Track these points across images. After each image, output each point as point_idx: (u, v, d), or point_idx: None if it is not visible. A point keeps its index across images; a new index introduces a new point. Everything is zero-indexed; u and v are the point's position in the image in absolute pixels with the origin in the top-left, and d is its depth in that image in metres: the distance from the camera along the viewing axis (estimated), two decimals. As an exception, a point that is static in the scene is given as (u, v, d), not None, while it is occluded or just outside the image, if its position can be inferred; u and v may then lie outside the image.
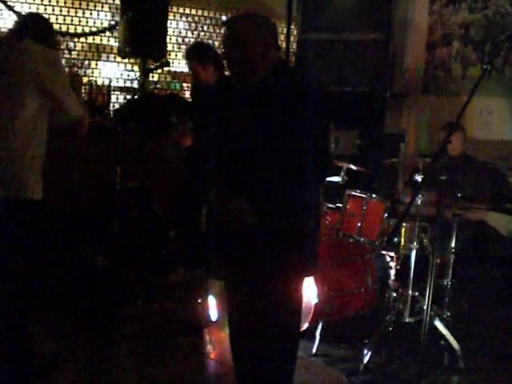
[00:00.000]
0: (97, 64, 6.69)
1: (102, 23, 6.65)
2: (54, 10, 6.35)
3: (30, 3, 6.21)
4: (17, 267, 3.44)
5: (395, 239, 4.35)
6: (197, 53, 5.04)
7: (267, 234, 2.76)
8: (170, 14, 6.30)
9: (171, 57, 6.99)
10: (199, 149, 4.79)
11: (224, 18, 7.12)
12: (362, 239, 4.56)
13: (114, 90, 6.75)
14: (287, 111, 2.69)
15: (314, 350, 4.31)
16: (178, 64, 7.20)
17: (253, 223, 2.72)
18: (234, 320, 3.05)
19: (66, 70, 6.51)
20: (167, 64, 5.40)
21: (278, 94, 2.75)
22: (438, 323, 4.13)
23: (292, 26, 7.18)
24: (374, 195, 4.60)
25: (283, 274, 2.79)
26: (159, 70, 6.69)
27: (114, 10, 6.57)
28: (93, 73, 6.67)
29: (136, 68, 6.83)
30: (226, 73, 5.14)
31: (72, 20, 6.49)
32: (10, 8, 6.11)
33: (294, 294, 2.89)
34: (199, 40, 7.08)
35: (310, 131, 2.70)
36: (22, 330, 3.59)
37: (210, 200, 3.07)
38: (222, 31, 2.88)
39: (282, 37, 7.63)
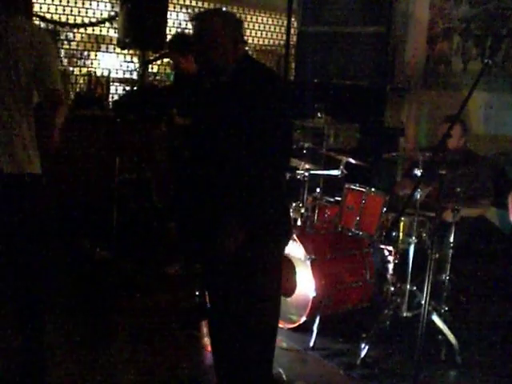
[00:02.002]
0: (96, 55, 6.67)
1: (101, 14, 6.62)
2: (53, 0, 6.32)
3: (29, -7, 6.17)
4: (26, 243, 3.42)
5: (393, 233, 4.35)
6: (177, 43, 5.14)
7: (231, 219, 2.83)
8: (169, 5, 6.28)
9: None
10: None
11: (224, 9, 7.11)
12: (361, 233, 4.56)
13: (114, 81, 6.74)
14: (250, 106, 2.80)
15: (312, 344, 4.31)
16: (178, 55, 7.17)
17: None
18: (213, 309, 3.09)
19: (65, 60, 6.51)
20: (167, 55, 5.39)
21: (243, 88, 2.87)
22: (435, 318, 4.12)
23: (292, 19, 7.16)
24: (372, 189, 4.60)
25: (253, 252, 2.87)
26: (158, 62, 6.67)
27: (114, 1, 6.54)
28: (92, 64, 6.65)
29: (135, 59, 6.82)
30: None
31: (72, 10, 6.47)
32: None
33: (264, 279, 2.94)
34: (179, 31, 7.04)
35: (269, 126, 2.80)
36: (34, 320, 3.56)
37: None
38: (192, 25, 2.97)
39: (283, 29, 7.63)
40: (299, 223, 4.78)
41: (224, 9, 3.11)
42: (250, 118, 2.78)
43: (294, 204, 4.87)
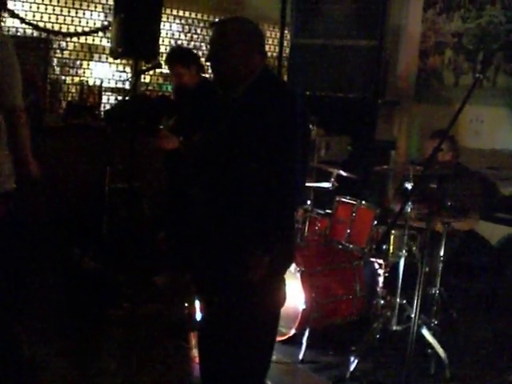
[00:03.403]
0: (88, 64, 6.67)
1: (94, 23, 6.62)
2: (46, 8, 6.32)
3: (22, 1, 6.17)
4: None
5: (384, 246, 4.34)
6: (179, 56, 5.14)
7: (232, 234, 2.80)
8: (163, 15, 6.29)
9: (163, 58, 6.96)
10: (180, 150, 4.83)
11: (243, 18, 7.15)
12: (351, 246, 4.55)
13: (106, 91, 6.73)
14: (265, 124, 2.70)
15: (301, 357, 4.29)
16: (171, 66, 7.17)
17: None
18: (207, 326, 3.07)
19: (58, 69, 6.51)
20: (159, 66, 5.39)
21: (259, 106, 2.75)
22: (425, 332, 4.11)
23: (285, 31, 7.19)
24: (363, 202, 4.60)
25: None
26: (151, 72, 6.68)
27: (107, 11, 6.55)
28: (84, 73, 6.65)
29: (128, 69, 6.82)
30: (208, 75, 5.26)
31: (65, 19, 6.46)
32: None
33: (265, 297, 2.89)
34: (179, 45, 7.06)
35: (283, 147, 2.71)
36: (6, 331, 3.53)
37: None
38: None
39: (276, 41, 7.65)
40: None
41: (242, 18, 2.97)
42: (259, 138, 2.69)
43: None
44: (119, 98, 6.80)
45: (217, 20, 2.97)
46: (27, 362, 3.65)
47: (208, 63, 2.95)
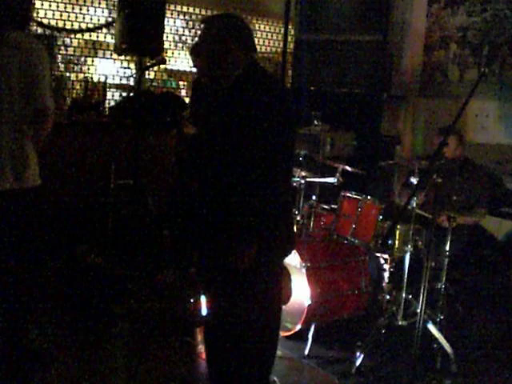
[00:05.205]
0: (93, 61, 6.67)
1: (98, 20, 6.62)
2: (50, 5, 6.32)
3: (26, -2, 6.16)
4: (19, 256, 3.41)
5: (389, 241, 4.34)
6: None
7: (224, 225, 2.83)
8: (167, 11, 6.28)
9: (168, 54, 6.97)
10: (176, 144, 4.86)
11: (233, 14, 7.17)
12: (357, 241, 4.55)
13: (110, 87, 6.73)
14: (245, 116, 2.76)
15: (307, 352, 4.30)
16: (175, 62, 7.19)
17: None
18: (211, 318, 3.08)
19: (62, 66, 6.51)
20: (163, 62, 5.39)
21: (242, 99, 2.82)
22: (431, 326, 4.11)
23: (289, 27, 7.17)
24: (369, 197, 4.59)
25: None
26: (155, 68, 6.67)
27: (111, 7, 6.55)
28: (89, 69, 6.65)
29: (132, 65, 6.82)
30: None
31: (69, 16, 6.46)
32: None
33: (264, 288, 2.91)
34: None
35: (266, 137, 2.75)
36: (19, 325, 3.55)
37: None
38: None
39: (280, 37, 7.64)
40: (295, 231, 4.76)
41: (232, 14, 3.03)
42: (246, 128, 2.75)
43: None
44: (124, 94, 6.80)
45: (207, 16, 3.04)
46: (34, 357, 3.68)
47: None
